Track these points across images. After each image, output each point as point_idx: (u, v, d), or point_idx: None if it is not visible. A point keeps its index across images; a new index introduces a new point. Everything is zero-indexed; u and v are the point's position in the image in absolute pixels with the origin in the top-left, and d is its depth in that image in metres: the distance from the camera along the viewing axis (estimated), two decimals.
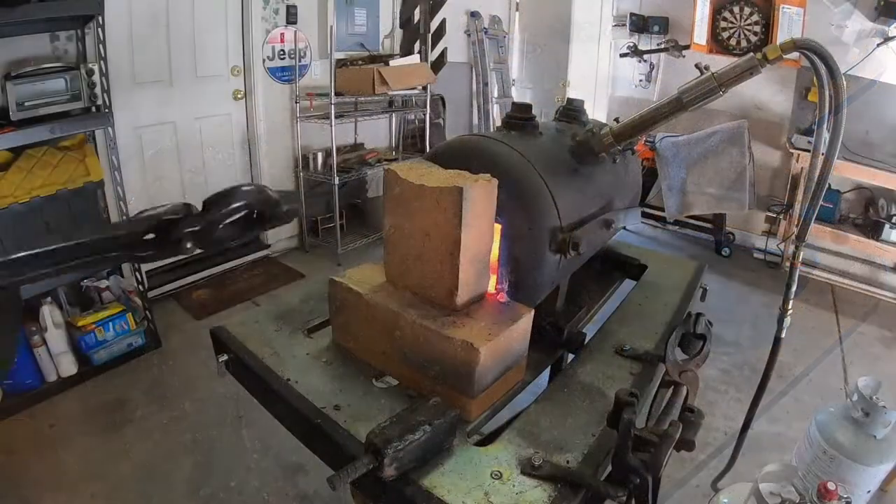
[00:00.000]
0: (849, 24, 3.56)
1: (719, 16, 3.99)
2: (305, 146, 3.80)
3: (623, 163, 1.26)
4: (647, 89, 4.66)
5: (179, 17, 3.04)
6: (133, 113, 2.95)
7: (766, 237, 4.16)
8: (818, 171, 0.94)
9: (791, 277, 1.03)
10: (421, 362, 0.94)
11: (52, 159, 2.16)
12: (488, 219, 0.94)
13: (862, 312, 3.50)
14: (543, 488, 0.76)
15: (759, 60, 0.87)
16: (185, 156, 3.29)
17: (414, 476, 0.77)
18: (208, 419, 2.28)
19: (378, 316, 0.99)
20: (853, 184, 3.80)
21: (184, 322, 3.00)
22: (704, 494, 1.85)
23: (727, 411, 2.42)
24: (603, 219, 1.13)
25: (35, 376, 2.33)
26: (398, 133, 4.51)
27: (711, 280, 3.27)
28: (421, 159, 1.05)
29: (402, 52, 4.20)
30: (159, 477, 1.98)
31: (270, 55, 3.49)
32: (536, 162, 0.99)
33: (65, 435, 2.17)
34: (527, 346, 1.00)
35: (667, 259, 1.55)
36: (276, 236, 3.87)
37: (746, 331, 3.16)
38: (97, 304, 2.63)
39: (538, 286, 0.98)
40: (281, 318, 1.19)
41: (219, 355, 1.11)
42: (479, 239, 0.93)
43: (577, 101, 1.33)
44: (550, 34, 5.10)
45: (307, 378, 1.00)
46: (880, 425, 1.48)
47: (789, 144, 3.86)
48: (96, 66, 2.31)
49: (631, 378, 1.02)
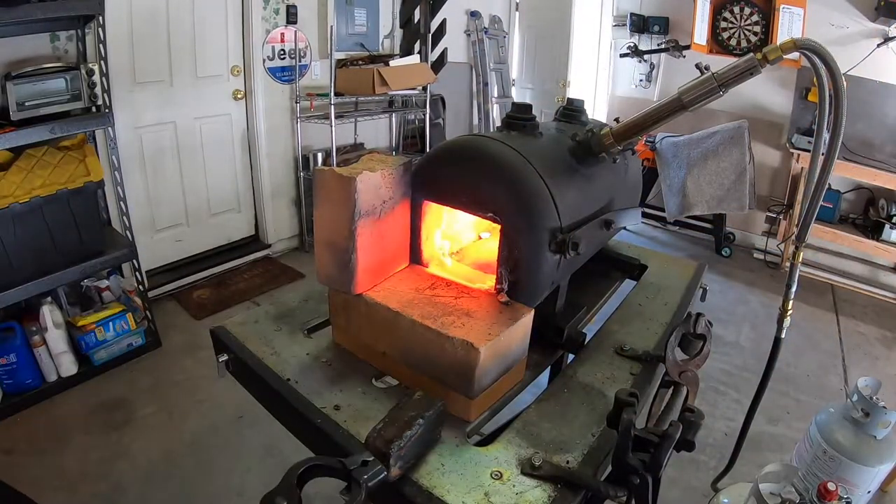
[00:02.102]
0: (849, 24, 3.56)
1: (719, 16, 3.99)
2: (305, 146, 3.80)
3: (623, 163, 1.26)
4: (647, 89, 4.67)
5: (179, 17, 3.04)
6: (133, 113, 2.96)
7: (766, 237, 4.16)
8: (818, 171, 0.94)
9: (791, 277, 1.03)
10: (421, 362, 0.94)
11: (52, 159, 2.16)
12: (342, 206, 0.95)
13: (862, 312, 3.50)
14: (543, 488, 0.76)
15: (759, 60, 0.87)
16: (185, 156, 3.29)
17: (414, 476, 0.77)
18: (208, 419, 2.28)
19: (378, 316, 0.99)
20: (853, 184, 3.81)
21: (184, 322, 3.00)
22: (704, 494, 1.85)
23: (727, 411, 2.42)
24: (603, 219, 1.13)
25: (35, 376, 2.33)
26: (398, 133, 4.51)
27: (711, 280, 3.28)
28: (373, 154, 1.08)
29: (402, 52, 4.20)
30: (159, 477, 1.98)
31: (270, 55, 3.49)
32: (536, 162, 0.99)
33: (65, 435, 2.17)
34: (527, 346, 1.00)
35: (667, 259, 1.55)
36: (276, 236, 3.88)
37: (746, 331, 3.16)
38: (97, 304, 2.64)
39: (538, 286, 0.98)
40: (281, 318, 1.19)
41: (219, 355, 1.11)
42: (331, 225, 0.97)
43: (577, 101, 1.32)
44: (550, 34, 5.10)
45: (307, 378, 1.00)
46: (880, 425, 1.48)
47: (789, 144, 3.86)
48: (96, 66, 2.31)
49: (631, 378, 1.02)
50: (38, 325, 2.32)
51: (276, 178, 3.77)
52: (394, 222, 1.05)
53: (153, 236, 3.24)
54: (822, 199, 0.96)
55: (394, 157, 1.06)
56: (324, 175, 0.96)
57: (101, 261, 2.42)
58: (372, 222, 0.99)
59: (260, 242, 3.85)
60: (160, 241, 3.28)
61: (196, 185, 3.39)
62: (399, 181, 1.03)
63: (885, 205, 3.62)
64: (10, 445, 2.09)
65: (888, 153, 3.60)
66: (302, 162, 3.80)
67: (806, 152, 3.68)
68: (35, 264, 2.20)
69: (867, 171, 3.54)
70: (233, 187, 3.63)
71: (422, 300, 0.99)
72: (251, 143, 3.61)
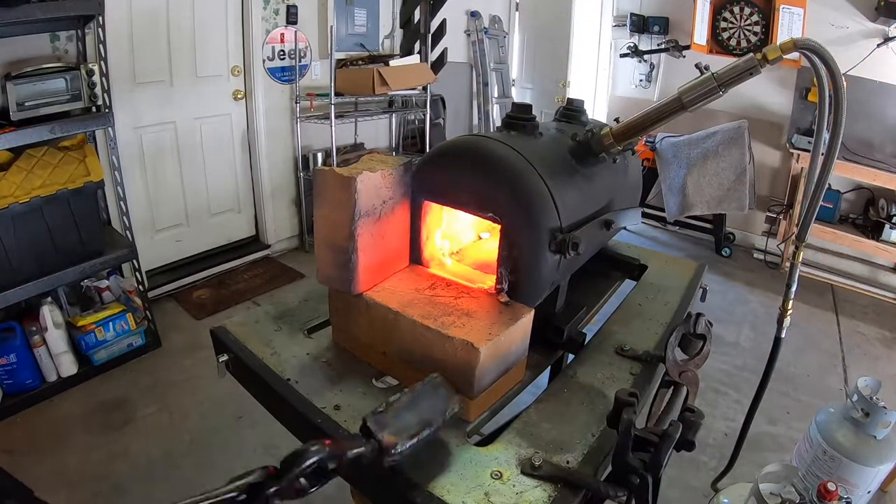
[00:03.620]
0: (849, 24, 3.57)
1: (719, 16, 3.99)
2: (305, 146, 3.80)
3: (623, 163, 1.26)
4: (647, 89, 4.67)
5: (179, 17, 3.05)
6: (133, 113, 2.96)
7: (766, 237, 4.16)
8: (818, 171, 0.94)
9: (791, 277, 1.02)
10: (421, 362, 0.94)
11: (52, 159, 2.16)
12: (342, 206, 0.94)
13: (862, 312, 3.50)
14: (543, 488, 0.76)
15: (759, 60, 0.87)
16: (185, 156, 3.30)
17: (414, 476, 0.77)
18: (208, 419, 2.28)
19: (378, 316, 0.99)
20: (853, 184, 3.81)
21: (184, 322, 3.00)
22: (704, 494, 1.85)
23: (727, 411, 2.42)
24: (603, 219, 1.13)
25: (35, 376, 2.33)
26: (398, 133, 4.52)
27: (711, 280, 3.28)
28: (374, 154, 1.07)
29: (402, 53, 4.20)
30: (159, 477, 1.98)
31: (270, 55, 3.49)
32: (536, 162, 0.99)
33: (65, 435, 2.17)
34: (527, 346, 1.00)
35: (667, 259, 1.55)
36: (276, 236, 3.88)
37: (746, 331, 3.16)
38: (97, 304, 2.64)
39: (538, 286, 0.98)
40: (281, 318, 1.19)
41: (219, 355, 1.10)
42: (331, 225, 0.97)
43: (577, 101, 1.32)
44: (550, 34, 5.10)
45: (307, 378, 1.00)
46: (880, 425, 1.48)
47: (789, 144, 3.86)
48: (96, 66, 2.31)
49: (631, 378, 1.02)
50: (38, 326, 2.32)
51: (276, 178, 3.77)
52: (394, 222, 1.05)
53: (153, 236, 3.24)
54: (822, 199, 0.96)
55: (394, 157, 1.06)
56: (324, 175, 0.96)
57: (101, 261, 2.43)
58: (372, 222, 0.99)
59: (260, 242, 3.85)
60: (160, 241, 3.28)
61: (196, 185, 3.39)
62: (399, 181, 1.03)
63: (885, 205, 3.62)
64: (10, 445, 2.09)
65: (888, 153, 3.61)
66: (302, 162, 3.80)
67: (806, 152, 3.68)
68: (35, 264, 2.20)
69: (867, 171, 3.54)
70: (233, 187, 3.63)
71: (422, 300, 0.99)
72: (251, 144, 3.61)
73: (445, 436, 0.86)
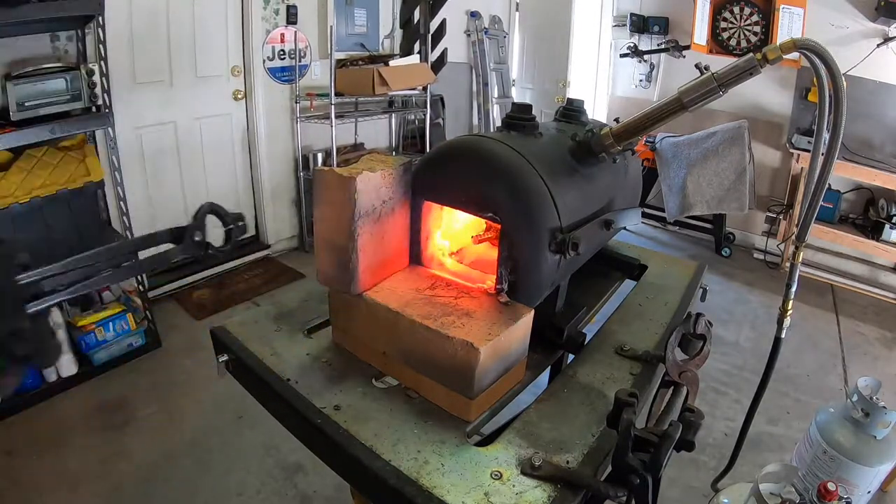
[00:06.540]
0: (849, 24, 3.57)
1: (719, 16, 4.00)
2: (306, 146, 3.80)
3: (623, 163, 1.26)
4: (647, 89, 4.67)
5: (179, 17, 3.05)
6: (133, 113, 2.96)
7: (766, 237, 4.16)
8: (818, 171, 0.94)
9: (791, 277, 1.02)
10: (421, 362, 0.94)
11: (52, 159, 2.16)
12: (342, 206, 0.94)
13: (862, 312, 3.50)
14: (543, 488, 0.76)
15: (759, 60, 0.87)
16: (185, 156, 3.29)
17: (414, 476, 0.77)
18: (208, 419, 2.28)
19: (378, 316, 0.99)
20: (853, 184, 3.81)
21: (184, 322, 3.00)
22: (704, 494, 1.85)
23: (727, 411, 2.42)
24: (603, 219, 1.12)
25: (35, 376, 2.33)
26: (398, 133, 4.52)
27: (711, 280, 3.28)
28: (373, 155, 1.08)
29: (402, 53, 4.20)
30: (159, 477, 1.98)
31: (270, 55, 3.49)
32: (536, 162, 0.98)
33: (65, 435, 2.17)
34: (527, 346, 1.00)
35: (667, 259, 1.55)
36: (276, 236, 3.88)
37: (746, 331, 3.16)
38: (97, 304, 2.63)
39: (538, 286, 0.98)
40: (281, 318, 1.19)
41: (219, 355, 1.10)
42: (331, 225, 0.98)
43: (577, 101, 1.32)
44: (550, 34, 5.10)
45: (307, 378, 1.00)
46: (880, 425, 1.48)
47: (789, 144, 3.87)
48: (96, 67, 2.31)
49: (631, 378, 1.02)
50: None
51: (276, 179, 3.77)
52: (394, 222, 1.05)
53: None
54: (822, 199, 0.96)
55: (394, 157, 1.06)
56: (324, 175, 0.96)
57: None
58: (372, 222, 0.99)
59: (260, 242, 3.85)
60: None
61: (196, 185, 3.39)
62: (399, 181, 1.03)
63: (885, 205, 3.62)
64: (10, 446, 2.09)
65: (888, 153, 3.61)
66: (302, 162, 3.80)
67: (806, 152, 3.68)
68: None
69: (867, 171, 3.54)
70: (233, 187, 3.63)
71: (422, 300, 0.99)
72: (251, 144, 3.61)
73: (445, 436, 0.86)
